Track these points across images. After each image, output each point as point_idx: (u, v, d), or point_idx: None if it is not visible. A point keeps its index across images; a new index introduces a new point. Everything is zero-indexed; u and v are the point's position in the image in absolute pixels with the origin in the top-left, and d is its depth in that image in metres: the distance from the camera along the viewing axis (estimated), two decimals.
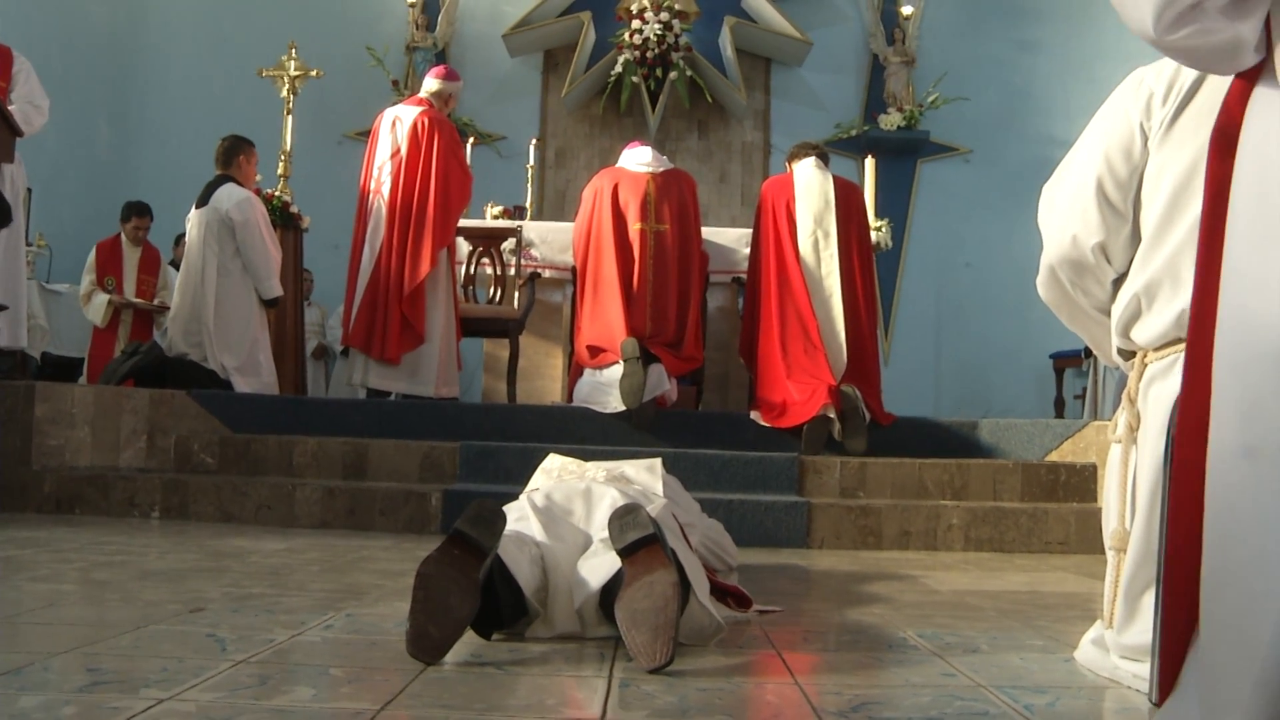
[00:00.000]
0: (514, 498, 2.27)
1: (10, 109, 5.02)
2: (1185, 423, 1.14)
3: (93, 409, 4.52)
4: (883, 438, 4.65)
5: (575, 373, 5.08)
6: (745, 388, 5.34)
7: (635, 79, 8.64)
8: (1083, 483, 4.36)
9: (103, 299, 6.96)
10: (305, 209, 6.44)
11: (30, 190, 6.30)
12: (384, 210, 5.38)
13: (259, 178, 6.01)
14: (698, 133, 9.22)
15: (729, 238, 5.90)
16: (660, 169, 5.23)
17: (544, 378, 6.15)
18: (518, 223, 6.02)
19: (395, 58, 9.02)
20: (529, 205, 7.05)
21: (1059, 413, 7.95)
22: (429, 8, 9.14)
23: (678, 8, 8.61)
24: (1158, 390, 1.74)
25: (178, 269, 6.22)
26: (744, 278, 5.41)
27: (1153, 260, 1.74)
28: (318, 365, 8.55)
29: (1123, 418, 1.83)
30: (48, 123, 5.56)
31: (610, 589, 1.88)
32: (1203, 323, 1.12)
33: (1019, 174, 8.54)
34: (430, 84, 5.69)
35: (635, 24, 8.59)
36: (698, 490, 3.35)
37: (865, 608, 2.54)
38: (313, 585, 2.59)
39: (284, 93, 6.76)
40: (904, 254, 9.06)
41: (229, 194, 5.53)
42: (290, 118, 6.73)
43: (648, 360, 4.73)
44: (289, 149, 6.65)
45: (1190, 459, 1.12)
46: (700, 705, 1.54)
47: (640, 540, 1.83)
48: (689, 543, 2.21)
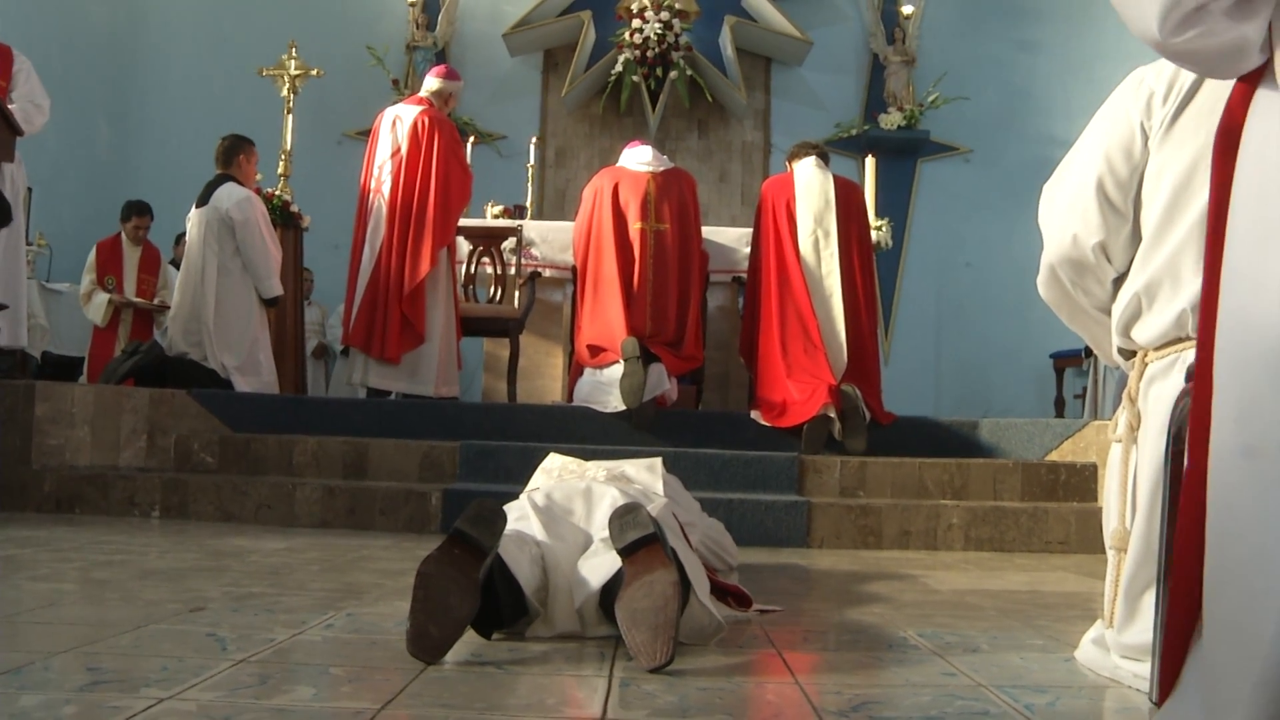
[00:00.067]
0: (514, 497, 2.27)
1: (11, 108, 5.02)
2: (1195, 424, 1.14)
3: (93, 408, 4.52)
4: (883, 437, 4.65)
5: (575, 372, 5.08)
6: (745, 387, 5.34)
7: (635, 78, 8.64)
8: (1083, 482, 4.36)
9: (103, 298, 6.96)
10: (305, 208, 6.45)
11: (30, 190, 6.30)
12: (384, 209, 5.38)
13: (259, 177, 6.01)
14: (698, 132, 9.21)
15: (729, 237, 5.90)
16: (660, 168, 5.23)
17: (544, 377, 6.15)
18: (518, 222, 6.02)
19: (395, 57, 9.01)
20: (529, 204, 7.05)
21: (1059, 412, 7.95)
22: (429, 7, 9.13)
23: (678, 7, 8.60)
24: (1158, 390, 1.74)
25: (178, 268, 6.22)
26: (744, 277, 5.41)
27: (1153, 260, 1.74)
28: (318, 365, 8.55)
29: (1123, 417, 1.83)
30: (48, 122, 5.55)
31: (610, 588, 1.88)
32: (1208, 324, 1.12)
33: (1019, 174, 8.55)
34: (431, 83, 5.68)
35: (635, 23, 8.59)
36: (698, 490, 3.35)
37: (865, 607, 2.54)
38: (313, 584, 2.60)
39: (284, 92, 6.77)
40: (904, 253, 9.05)
41: (229, 193, 5.53)
42: (290, 117, 6.73)
43: (648, 360, 4.73)
44: (289, 148, 6.66)
45: (1198, 460, 1.12)
46: (701, 705, 1.54)
47: (640, 540, 1.83)
48: (689, 542, 2.21)
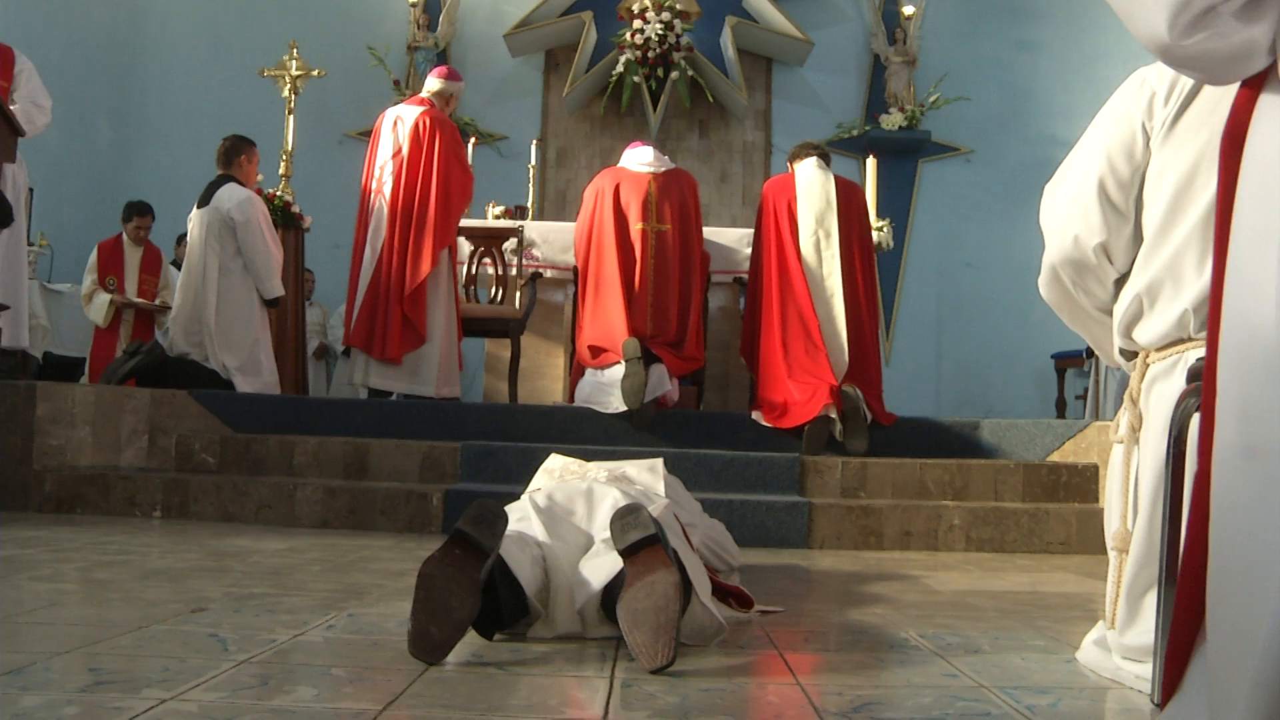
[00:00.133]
0: (515, 498, 2.27)
1: (12, 109, 5.02)
2: (1204, 426, 1.14)
3: (94, 409, 4.52)
4: (884, 438, 4.65)
5: (577, 373, 5.08)
6: (746, 388, 5.33)
7: (636, 79, 8.63)
8: (1084, 483, 4.36)
9: (104, 299, 6.96)
10: (306, 209, 6.45)
11: (32, 190, 6.29)
12: (385, 210, 5.37)
13: (260, 177, 6.01)
14: (699, 133, 9.21)
15: (730, 238, 5.90)
16: (661, 169, 5.22)
17: (545, 378, 6.15)
18: (519, 222, 6.02)
19: (396, 58, 9.01)
20: (530, 205, 7.05)
21: (1060, 413, 7.94)
22: (430, 8, 9.13)
23: (679, 7, 8.59)
24: (1160, 390, 1.74)
25: (179, 269, 6.22)
26: (745, 278, 5.41)
27: (1155, 260, 1.74)
28: (319, 365, 8.55)
29: (1125, 418, 1.83)
30: (49, 123, 5.56)
31: (612, 589, 1.88)
32: (1215, 326, 1.12)
33: (1020, 174, 8.55)
34: (432, 84, 5.68)
35: (636, 24, 8.58)
36: (699, 490, 3.35)
37: (866, 608, 2.53)
38: (314, 585, 2.59)
39: (285, 92, 6.76)
40: (905, 254, 9.05)
41: (230, 194, 5.53)
42: (291, 117, 6.73)
43: (649, 360, 4.73)
44: (290, 149, 6.65)
45: (1207, 461, 1.12)
46: (702, 706, 1.54)
47: (642, 540, 1.83)
48: (691, 543, 2.21)
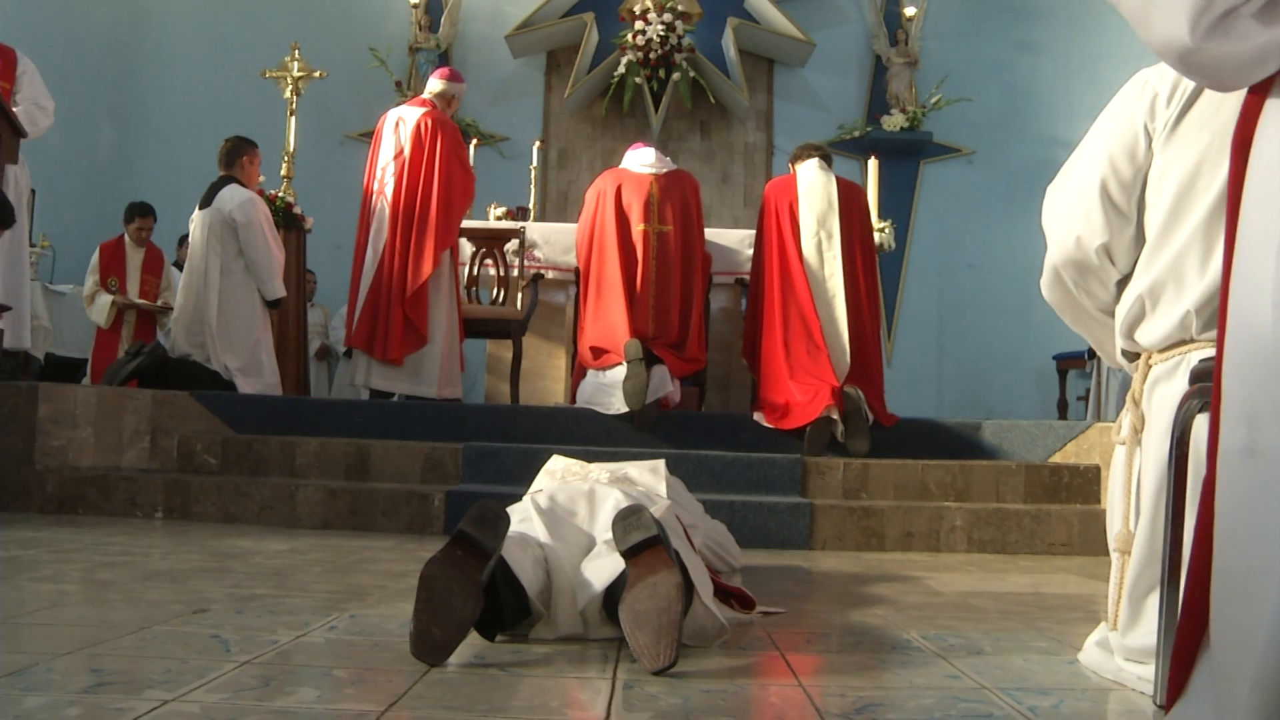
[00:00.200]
0: (517, 499, 2.27)
1: (15, 110, 5.02)
2: (1212, 428, 1.14)
3: (95, 409, 4.52)
4: (885, 439, 4.65)
5: (578, 374, 5.08)
6: (748, 389, 5.33)
7: (638, 80, 8.63)
8: (1086, 484, 4.36)
9: (106, 300, 6.96)
10: (308, 210, 6.45)
11: (34, 191, 6.30)
12: (387, 211, 5.37)
13: (262, 179, 6.01)
14: (700, 134, 9.21)
15: (732, 239, 5.90)
16: (663, 170, 5.22)
17: (547, 379, 6.15)
18: (521, 224, 6.02)
19: (398, 59, 9.02)
20: (532, 206, 7.05)
21: (1062, 414, 7.94)
22: (432, 9, 9.13)
23: (681, 9, 8.59)
24: (1162, 392, 1.74)
25: (181, 270, 6.22)
26: (747, 279, 5.40)
27: (1157, 261, 1.74)
28: (320, 366, 8.55)
29: (1127, 420, 1.83)
30: (51, 124, 5.56)
31: (614, 590, 1.88)
32: (1223, 328, 1.12)
33: (1022, 175, 8.54)
34: (434, 85, 5.68)
35: (638, 25, 8.58)
36: (701, 492, 3.34)
37: (868, 609, 2.53)
38: (315, 586, 2.60)
39: (287, 94, 6.77)
40: (907, 255, 9.05)
41: (232, 195, 5.53)
42: (293, 119, 6.73)
43: (651, 361, 4.73)
44: (292, 150, 6.66)
45: (1214, 462, 1.12)
46: (704, 707, 1.54)
47: (644, 542, 1.83)
48: (692, 544, 2.21)
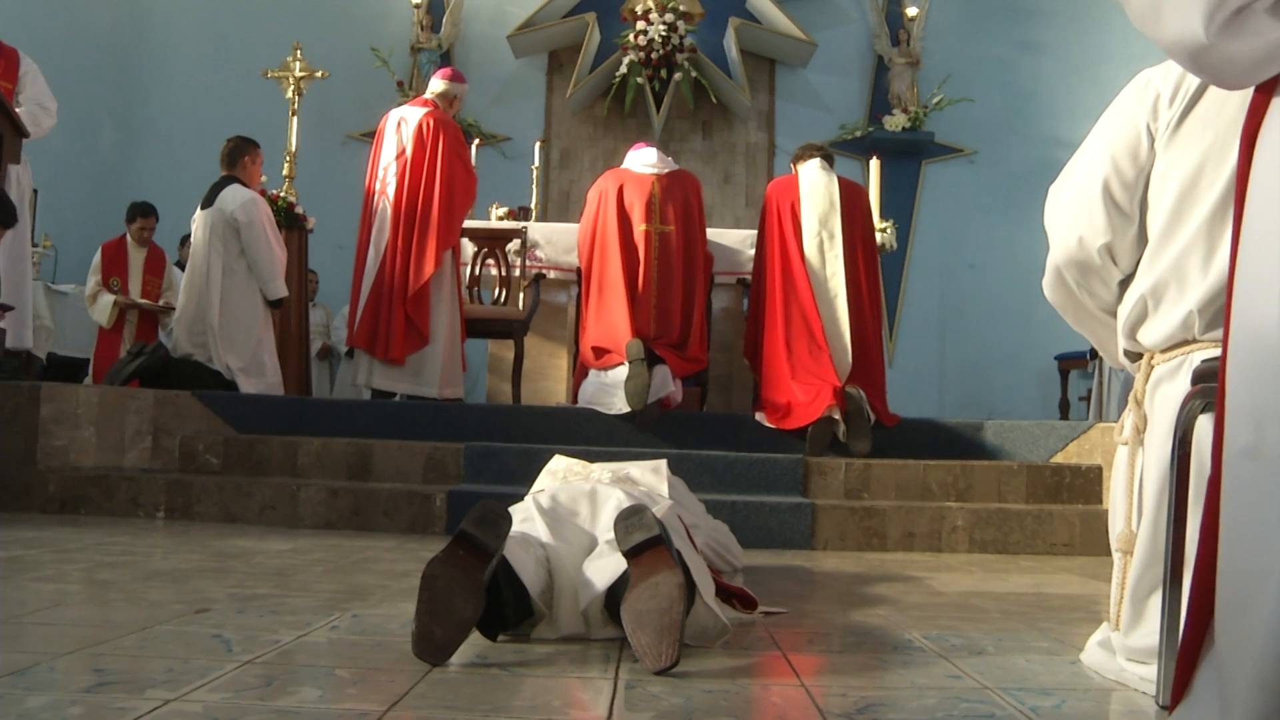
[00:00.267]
0: (519, 499, 2.27)
1: (18, 110, 5.03)
2: (1217, 428, 1.14)
3: (97, 409, 4.52)
4: (887, 439, 4.65)
5: (580, 374, 5.08)
6: (750, 389, 5.33)
7: (640, 80, 8.63)
8: (1087, 484, 4.35)
9: (108, 300, 6.97)
10: (310, 210, 6.45)
11: (36, 191, 6.31)
12: (389, 211, 5.38)
13: (264, 179, 6.02)
14: (702, 134, 9.21)
15: (734, 239, 5.90)
16: (665, 170, 5.22)
17: (548, 379, 6.15)
18: (522, 224, 6.02)
19: (400, 59, 9.02)
20: (534, 206, 7.06)
21: (1064, 414, 7.93)
22: (433, 9, 9.14)
23: (683, 9, 8.60)
24: (1165, 392, 1.74)
25: (183, 270, 6.23)
26: (749, 279, 5.40)
27: (1159, 262, 1.74)
28: (322, 366, 8.56)
29: (1129, 420, 1.83)
30: (54, 124, 5.56)
31: (616, 590, 1.88)
32: (1229, 327, 1.12)
33: (1023, 175, 8.54)
34: (436, 85, 5.68)
35: (640, 25, 8.58)
36: (702, 492, 3.35)
37: (870, 609, 2.53)
38: (317, 586, 2.60)
39: (289, 94, 6.77)
40: (909, 255, 9.04)
41: (234, 195, 5.53)
42: (295, 119, 6.74)
43: (653, 361, 4.73)
44: (294, 150, 6.67)
45: (1219, 463, 1.12)
46: (706, 707, 1.54)
47: (646, 542, 1.83)
48: (694, 544, 2.21)
